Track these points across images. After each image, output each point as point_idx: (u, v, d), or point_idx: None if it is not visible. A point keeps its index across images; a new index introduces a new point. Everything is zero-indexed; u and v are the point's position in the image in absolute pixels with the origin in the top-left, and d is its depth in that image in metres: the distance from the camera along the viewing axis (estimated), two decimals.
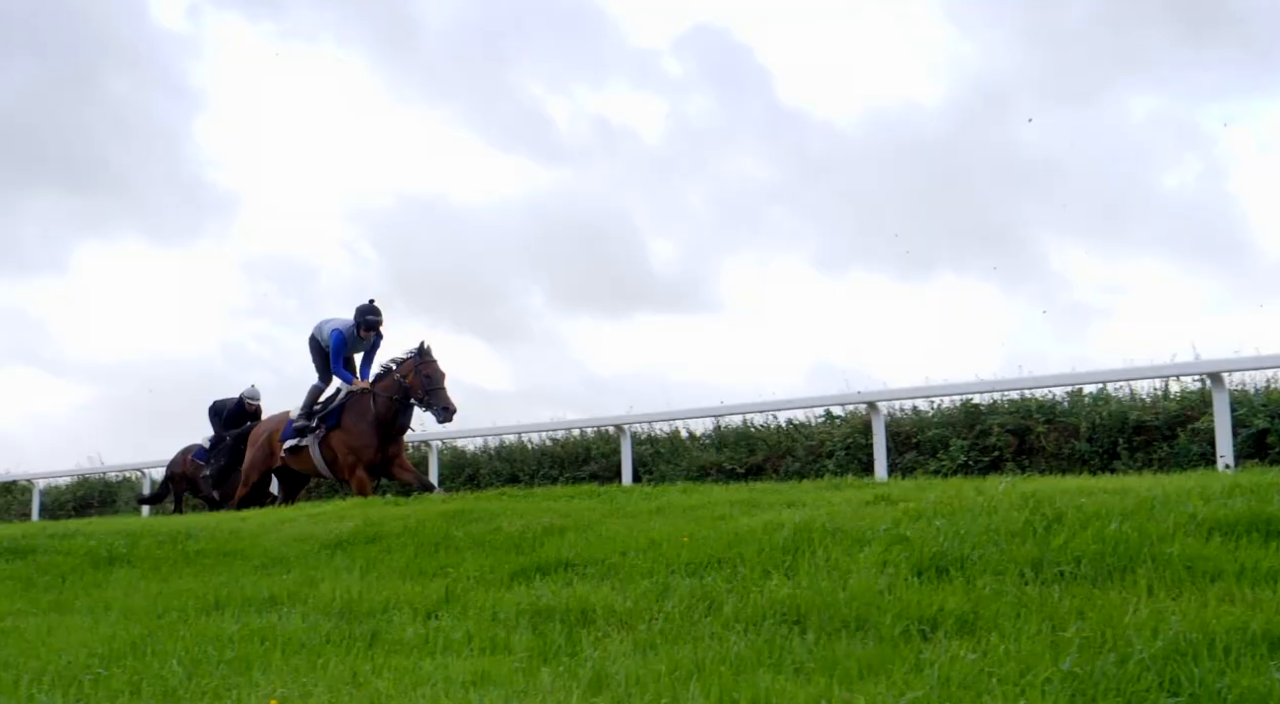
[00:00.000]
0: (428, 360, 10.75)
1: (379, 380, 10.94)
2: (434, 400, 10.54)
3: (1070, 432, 10.57)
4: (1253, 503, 4.08)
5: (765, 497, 5.88)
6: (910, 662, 3.18)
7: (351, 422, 10.80)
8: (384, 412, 10.72)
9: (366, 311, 11.10)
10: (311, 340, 11.37)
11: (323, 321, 11.35)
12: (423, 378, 10.64)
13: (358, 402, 10.86)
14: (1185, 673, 2.80)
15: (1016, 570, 3.86)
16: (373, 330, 11.12)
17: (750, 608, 3.92)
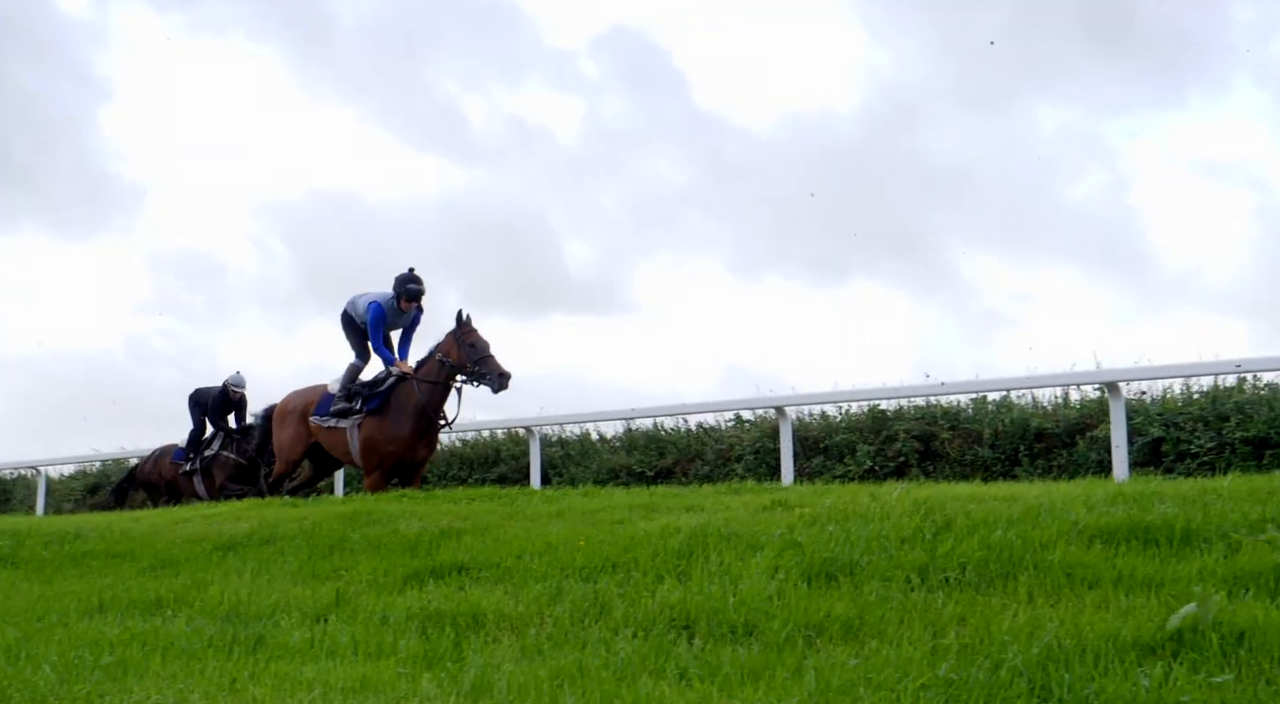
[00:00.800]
0: (469, 329, 9.77)
1: (420, 367, 9.93)
2: (486, 368, 9.50)
3: (974, 438, 10.75)
4: (1133, 511, 4.17)
5: (665, 501, 5.89)
6: (792, 667, 3.19)
7: (393, 413, 9.78)
8: (429, 399, 9.72)
9: (407, 280, 9.98)
10: (344, 317, 10.27)
11: (356, 296, 10.25)
12: (467, 348, 9.63)
13: (402, 388, 9.85)
14: (1056, 679, 2.84)
15: (903, 576, 3.90)
16: (414, 301, 10.04)
17: (640, 613, 3.91)
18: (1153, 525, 3.97)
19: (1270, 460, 9.14)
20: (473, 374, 9.58)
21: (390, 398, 9.84)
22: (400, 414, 9.71)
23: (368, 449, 9.75)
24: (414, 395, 9.71)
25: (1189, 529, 3.89)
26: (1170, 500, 4.32)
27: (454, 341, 9.72)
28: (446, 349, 9.74)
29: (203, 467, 13.25)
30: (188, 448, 13.56)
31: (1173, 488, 4.73)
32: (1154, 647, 3.03)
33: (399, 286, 9.95)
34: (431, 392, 9.71)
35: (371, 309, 9.90)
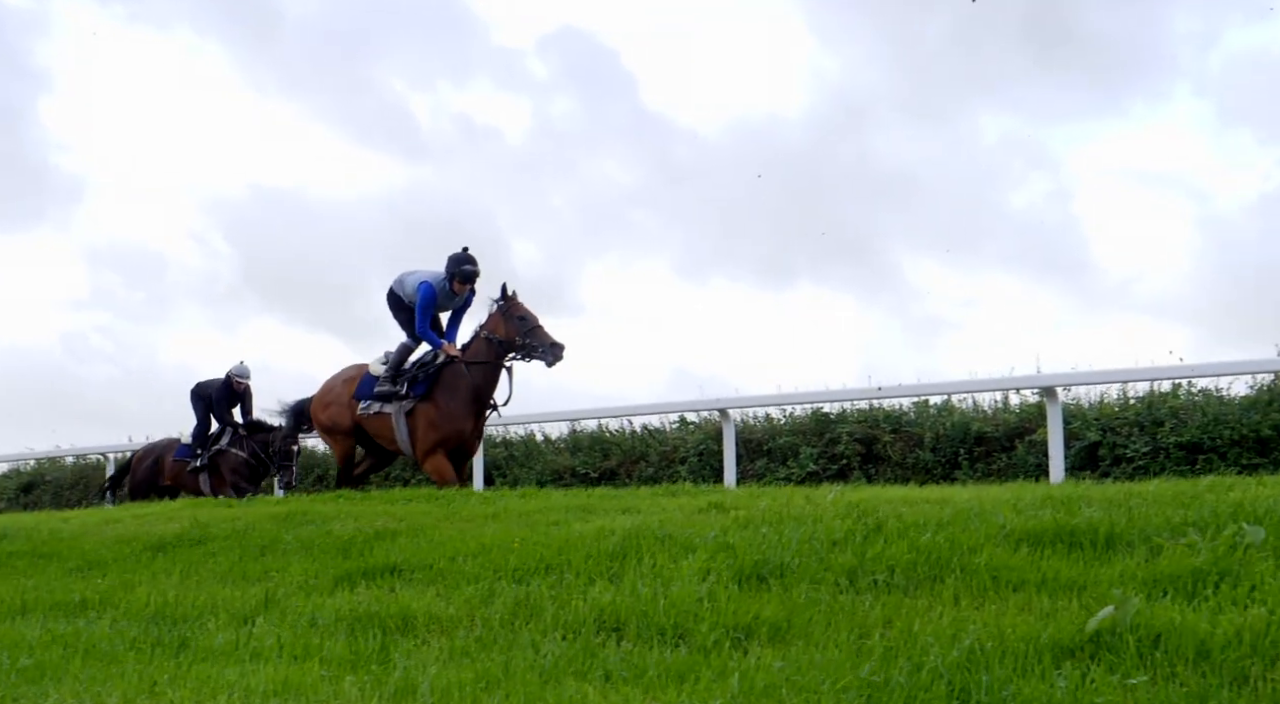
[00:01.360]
0: (514, 302, 9.11)
1: (466, 348, 9.23)
2: (536, 340, 8.83)
3: (915, 441, 10.85)
4: (1060, 514, 4.22)
5: (602, 502, 5.88)
6: (718, 670, 3.19)
7: (443, 396, 9.05)
8: (481, 381, 9.03)
9: (462, 261, 9.17)
10: (391, 295, 9.50)
11: (405, 274, 9.50)
12: (516, 321, 8.96)
13: (451, 372, 9.12)
14: (976, 681, 2.87)
15: (833, 579, 3.92)
16: (468, 283, 9.22)
17: (570, 615, 3.89)
18: (1078, 529, 4.02)
19: (1203, 465, 9.30)
20: (523, 348, 8.92)
21: (439, 381, 9.14)
22: (453, 397, 9.03)
23: (425, 434, 8.99)
24: (464, 378, 9.03)
25: (1113, 533, 3.94)
26: (1097, 504, 4.38)
27: (501, 317, 9.07)
28: (493, 326, 9.09)
29: (208, 463, 12.58)
30: (194, 443, 12.82)
31: (1100, 492, 4.80)
32: (1073, 649, 3.06)
33: (453, 267, 9.18)
34: (482, 373, 9.04)
35: (422, 289, 9.13)
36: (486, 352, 9.05)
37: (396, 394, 9.19)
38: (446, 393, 9.03)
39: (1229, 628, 2.99)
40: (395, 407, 9.20)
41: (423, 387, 9.10)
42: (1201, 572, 3.43)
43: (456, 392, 9.00)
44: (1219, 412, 9.63)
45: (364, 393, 9.52)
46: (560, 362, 8.86)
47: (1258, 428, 9.38)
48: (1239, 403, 9.75)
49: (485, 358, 9.03)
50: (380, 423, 9.36)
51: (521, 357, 8.99)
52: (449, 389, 9.03)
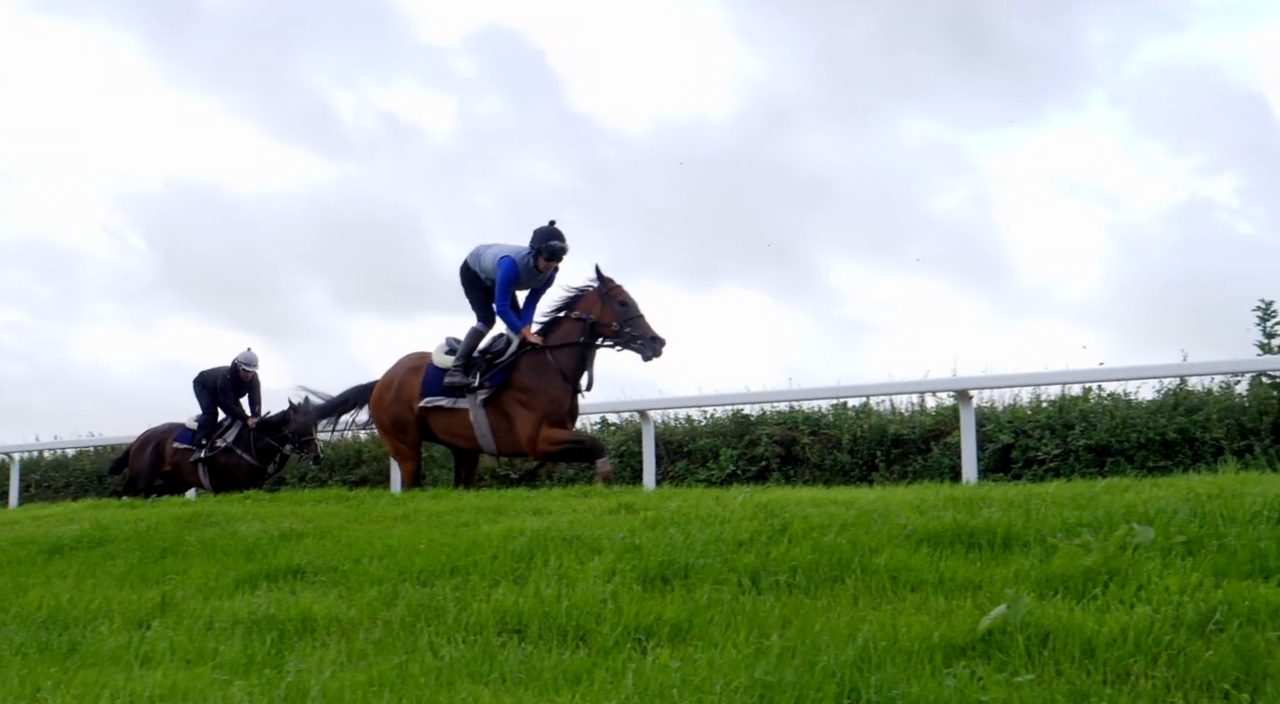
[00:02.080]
0: (614, 286, 8.36)
1: (552, 328, 8.45)
2: (636, 331, 8.11)
3: (833, 443, 10.95)
4: (960, 516, 4.27)
5: (513, 503, 5.85)
6: (615, 670, 3.18)
7: (530, 377, 8.30)
8: (569, 364, 8.27)
9: (549, 236, 8.37)
10: (464, 271, 8.68)
11: (482, 247, 8.67)
12: (615, 306, 8.22)
13: (533, 355, 8.38)
14: (867, 680, 2.89)
15: (736, 580, 3.93)
16: (555, 260, 8.45)
17: (473, 617, 3.86)
18: (977, 529, 4.07)
19: (1110, 467, 9.51)
20: (619, 336, 8.19)
21: (520, 366, 8.38)
22: (540, 375, 8.31)
23: (523, 417, 8.23)
24: (548, 360, 8.32)
25: (1010, 533, 4.00)
26: (997, 505, 4.44)
27: (599, 299, 8.32)
28: (589, 307, 8.33)
29: (209, 456, 12.00)
30: (199, 434, 12.18)
31: (1001, 493, 4.87)
32: (965, 648, 3.10)
33: (539, 242, 8.38)
34: (570, 356, 8.32)
35: (503, 265, 8.33)
36: (576, 333, 8.32)
37: (469, 386, 8.38)
38: (532, 373, 8.31)
39: (1114, 626, 3.05)
40: (470, 400, 8.38)
41: (501, 375, 8.34)
42: (1092, 571, 3.49)
43: (543, 372, 8.29)
44: (1127, 415, 9.85)
45: (432, 388, 8.64)
46: (659, 357, 8.20)
47: (1163, 431, 9.61)
48: (1146, 407, 9.98)
49: (574, 339, 8.32)
50: (453, 419, 8.53)
51: (616, 345, 8.29)
52: (535, 370, 8.32)
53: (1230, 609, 3.07)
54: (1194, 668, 2.81)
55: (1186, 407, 9.78)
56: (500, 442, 8.36)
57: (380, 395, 9.05)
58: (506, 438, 8.31)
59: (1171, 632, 3.00)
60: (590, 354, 8.38)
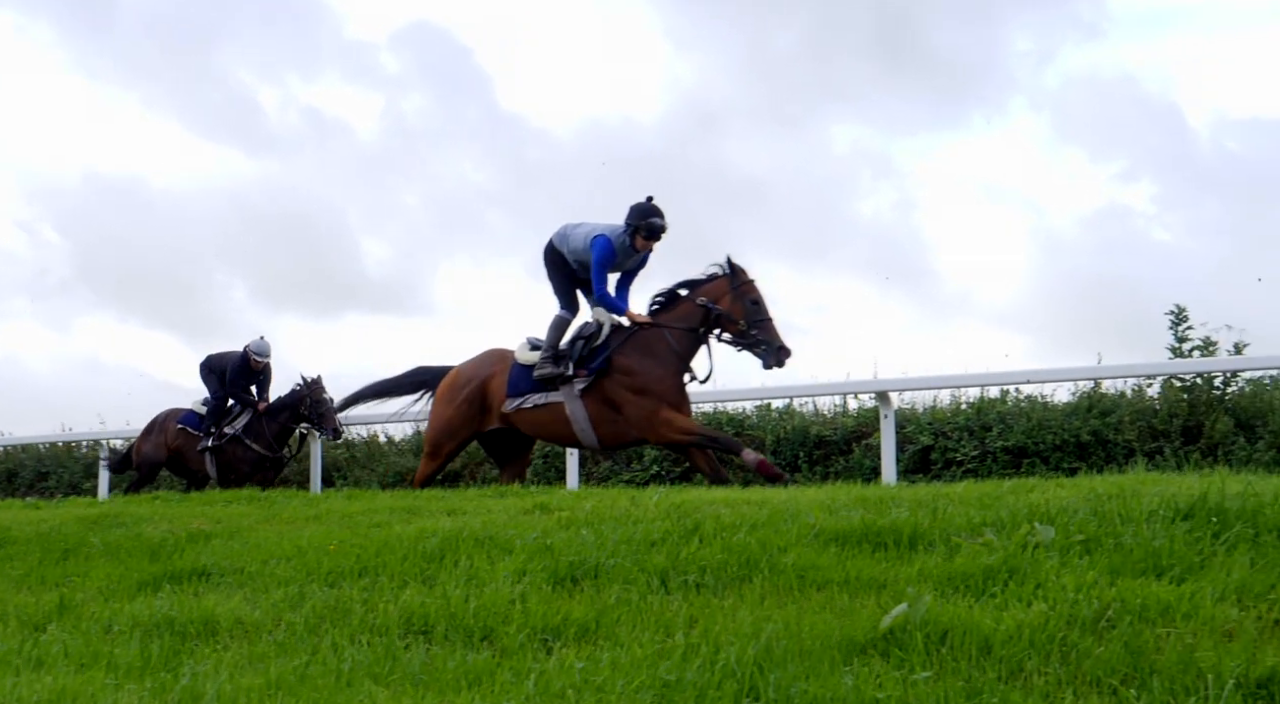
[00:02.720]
0: (747, 280, 7.79)
1: (667, 307, 7.93)
2: (765, 335, 7.58)
3: (757, 444, 11.01)
4: (868, 515, 4.31)
5: (428, 504, 5.80)
6: (517, 671, 3.16)
7: (636, 358, 7.71)
8: (683, 349, 7.71)
9: (648, 212, 7.83)
10: (549, 252, 8.12)
11: (569, 227, 8.11)
12: (747, 303, 7.67)
13: (639, 337, 7.82)
14: (766, 678, 2.90)
15: (645, 580, 3.93)
16: (654, 239, 7.90)
17: (379, 618, 3.81)
18: (884, 529, 4.11)
19: (1027, 468, 9.68)
20: (745, 337, 7.65)
21: (623, 349, 7.82)
22: (648, 357, 7.73)
23: (610, 415, 7.76)
24: (665, 343, 7.76)
25: (916, 533, 4.05)
26: (906, 505, 4.49)
27: (730, 290, 7.76)
28: (717, 296, 7.78)
29: (216, 445, 11.56)
30: (208, 420, 11.70)
31: (911, 493, 4.93)
32: (866, 646, 3.12)
33: (636, 219, 7.83)
34: (687, 340, 7.76)
35: (598, 245, 7.79)
36: (697, 319, 7.78)
37: (562, 375, 7.79)
38: (639, 353, 7.76)
39: (1011, 624, 3.09)
40: (565, 391, 7.79)
41: (601, 361, 7.76)
42: (993, 570, 3.54)
43: (655, 353, 7.74)
44: (1043, 417, 10.04)
45: (520, 386, 8.08)
46: (780, 369, 7.71)
47: (1078, 433, 9.81)
48: (1061, 409, 10.18)
49: (693, 325, 7.78)
50: (545, 415, 7.94)
51: (738, 344, 7.77)
52: (644, 350, 7.77)
53: (1123, 606, 3.13)
54: (1085, 664, 2.86)
55: (1100, 409, 10.00)
56: (602, 433, 7.80)
57: (452, 388, 8.46)
58: (610, 428, 7.77)
59: (1066, 629, 3.05)
60: (708, 346, 7.88)
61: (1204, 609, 3.07)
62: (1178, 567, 3.41)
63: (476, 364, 8.50)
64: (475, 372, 8.42)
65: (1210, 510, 3.75)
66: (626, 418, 7.68)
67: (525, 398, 7.97)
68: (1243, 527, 3.60)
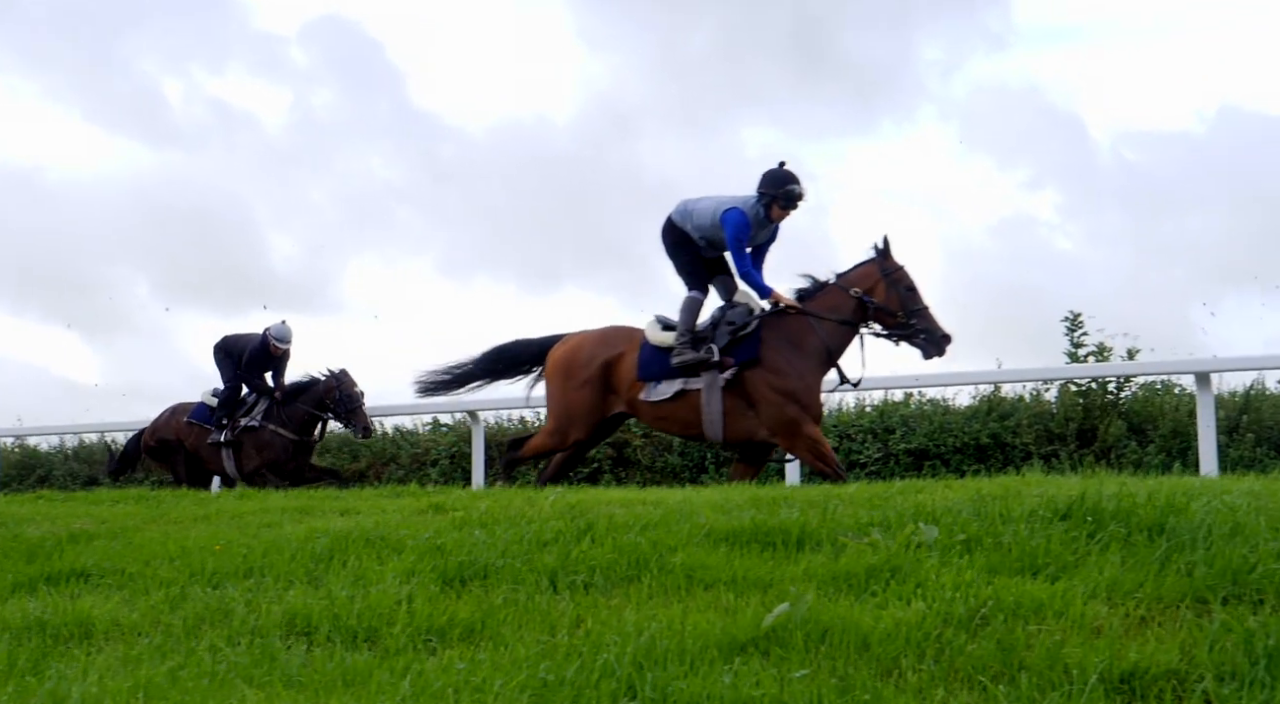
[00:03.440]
0: (899, 266, 7.23)
1: (813, 295, 7.30)
2: (925, 323, 7.05)
3: (665, 446, 11.05)
4: (760, 515, 4.34)
5: (322, 504, 5.71)
6: (396, 672, 3.12)
7: (783, 355, 7.05)
8: (834, 343, 7.12)
9: (785, 179, 7.18)
10: (669, 231, 7.47)
11: (689, 202, 7.43)
12: (903, 291, 7.10)
13: (787, 328, 7.18)
14: (645, 677, 2.89)
15: (535, 580, 3.90)
16: (791, 208, 7.25)
17: (262, 619, 3.74)
18: (774, 529, 4.14)
19: (928, 470, 9.84)
20: (904, 329, 7.07)
21: (769, 337, 7.16)
22: (796, 354, 7.10)
23: (776, 401, 7.02)
24: (810, 333, 7.13)
25: (805, 532, 4.08)
26: (797, 505, 4.53)
27: (882, 278, 7.18)
28: (868, 285, 7.21)
29: (235, 438, 10.72)
30: (220, 411, 10.82)
31: (803, 493, 4.97)
32: (747, 645, 3.14)
33: (773, 187, 7.19)
34: (837, 334, 7.15)
35: (731, 219, 7.12)
36: (848, 310, 7.17)
37: (707, 361, 7.06)
38: (787, 350, 7.11)
39: (889, 622, 3.13)
40: (707, 379, 7.09)
41: (749, 349, 7.09)
42: (876, 569, 3.59)
43: (802, 349, 7.11)
44: (944, 420, 10.21)
45: (652, 370, 7.29)
46: (941, 357, 7.17)
47: (978, 436, 10.00)
48: (962, 412, 10.38)
49: (844, 316, 7.17)
50: (675, 405, 7.22)
51: (894, 336, 7.18)
52: (792, 345, 7.12)
53: (997, 604, 3.18)
54: (958, 661, 2.91)
55: (999, 413, 10.21)
56: (731, 428, 7.12)
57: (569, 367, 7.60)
58: (741, 423, 7.11)
59: (941, 626, 3.09)
60: (861, 340, 7.30)
61: (1074, 607, 3.14)
62: (1053, 565, 3.49)
63: (600, 341, 7.69)
64: (599, 350, 7.60)
65: (1087, 510, 3.84)
66: (762, 417, 7.08)
67: (658, 383, 7.27)
68: (1116, 526, 3.69)
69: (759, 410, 7.02)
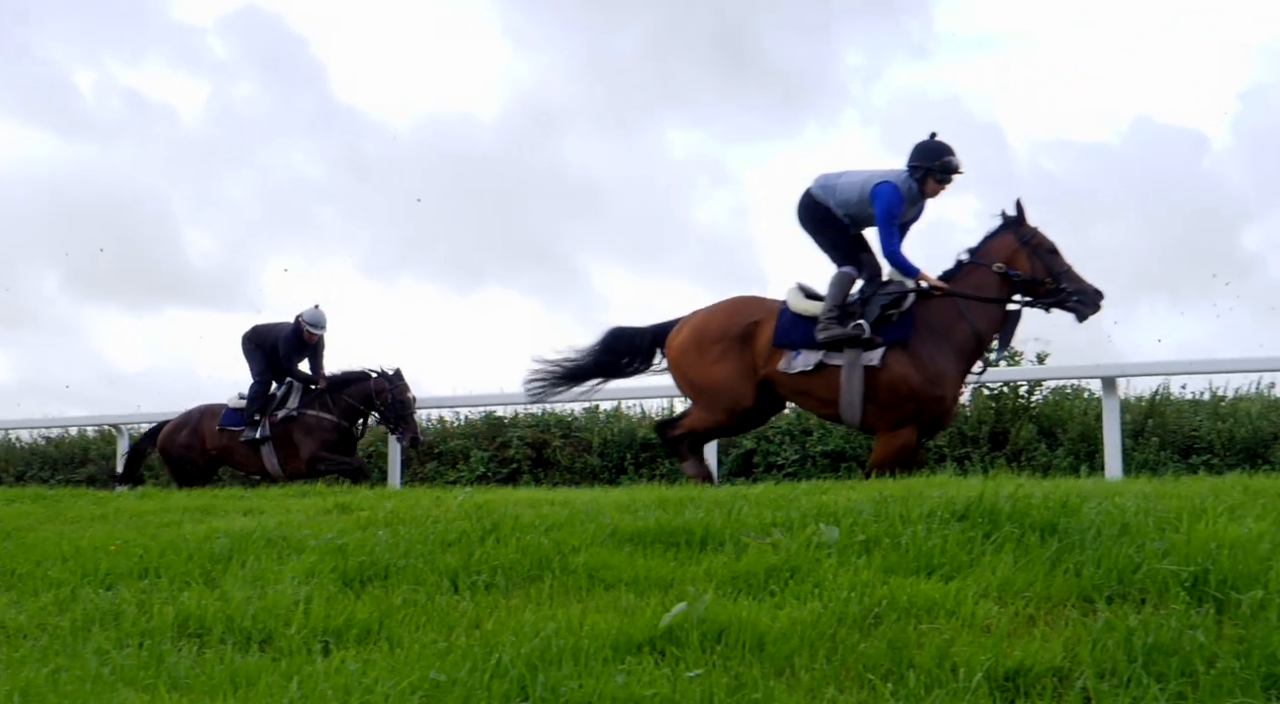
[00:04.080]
0: (1035, 230, 6.78)
1: (954, 275, 6.85)
2: (1073, 284, 6.59)
3: (584, 446, 11.04)
4: (664, 516, 4.34)
5: (225, 503, 5.61)
6: (285, 673, 3.07)
7: (928, 345, 6.62)
8: (984, 327, 6.69)
9: (941, 150, 6.78)
10: (808, 206, 7.05)
11: (830, 176, 7.02)
12: (1045, 256, 6.68)
13: (935, 312, 6.74)
14: (539, 677, 2.88)
15: (436, 580, 3.87)
16: (947, 182, 6.83)
17: (154, 621, 3.66)
18: (678, 529, 4.15)
19: (844, 471, 9.94)
20: (1056, 295, 6.62)
21: (921, 319, 6.73)
22: (941, 347, 6.66)
23: (896, 395, 6.58)
24: (959, 318, 6.69)
25: (709, 532, 4.09)
26: (704, 505, 4.54)
27: (1020, 246, 6.75)
28: (1006, 256, 6.76)
29: (275, 432, 10.19)
30: (251, 407, 10.29)
31: (711, 494, 4.99)
32: (644, 644, 3.14)
33: (928, 159, 6.78)
34: (986, 316, 6.70)
35: (883, 193, 6.70)
36: (994, 287, 6.73)
37: (858, 338, 6.64)
38: (933, 340, 6.67)
39: (785, 621, 3.15)
40: (849, 356, 6.66)
41: (903, 329, 6.66)
42: (775, 569, 3.61)
43: (949, 339, 6.67)
44: None
45: (790, 338, 6.84)
46: (1097, 313, 6.66)
47: None
48: None
49: (993, 294, 6.72)
50: (813, 379, 6.76)
51: (1045, 304, 6.72)
52: (938, 334, 6.68)
53: (891, 604, 3.22)
54: (850, 659, 2.93)
55: None
56: (870, 412, 6.69)
57: (702, 341, 7.12)
58: (878, 406, 6.69)
59: (836, 625, 3.12)
60: (1013, 318, 6.83)
61: (966, 606, 3.18)
62: (948, 566, 3.53)
63: (729, 313, 7.20)
64: (731, 321, 7.12)
65: (984, 512, 3.90)
66: (879, 398, 6.66)
67: (797, 353, 6.80)
68: (1011, 527, 3.75)
69: (878, 391, 6.61)
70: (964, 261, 6.88)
